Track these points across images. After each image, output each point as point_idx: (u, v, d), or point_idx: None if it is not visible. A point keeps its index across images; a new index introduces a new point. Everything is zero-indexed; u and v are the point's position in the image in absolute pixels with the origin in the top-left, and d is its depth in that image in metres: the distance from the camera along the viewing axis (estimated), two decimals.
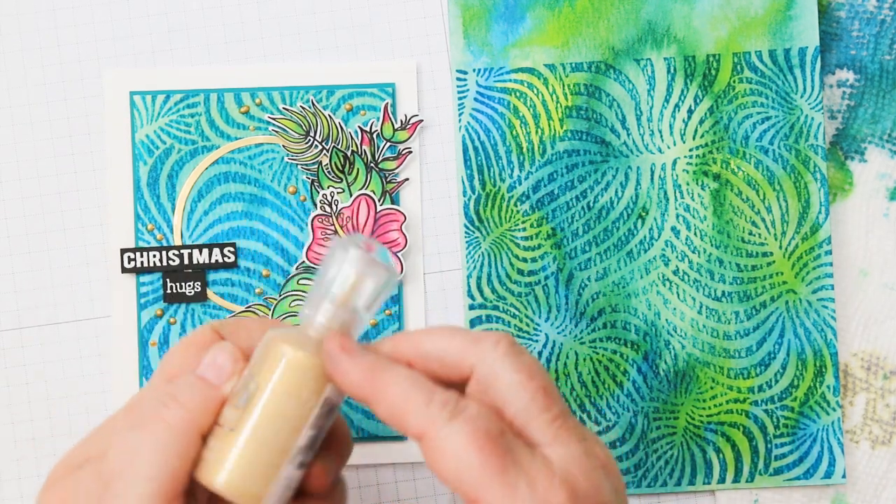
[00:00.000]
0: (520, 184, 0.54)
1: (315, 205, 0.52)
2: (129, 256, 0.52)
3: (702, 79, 0.54)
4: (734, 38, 0.54)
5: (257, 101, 0.53)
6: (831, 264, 0.53)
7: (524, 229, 0.54)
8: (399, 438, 0.53)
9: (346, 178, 0.52)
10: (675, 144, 0.54)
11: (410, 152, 0.53)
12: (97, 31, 0.54)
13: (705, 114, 0.54)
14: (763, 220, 0.53)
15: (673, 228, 0.54)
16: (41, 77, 0.54)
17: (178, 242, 0.52)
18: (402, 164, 0.53)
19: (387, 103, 0.53)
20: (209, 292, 0.52)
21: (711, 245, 0.53)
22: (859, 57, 0.54)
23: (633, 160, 0.54)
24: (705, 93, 0.54)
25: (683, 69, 0.54)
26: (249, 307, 0.52)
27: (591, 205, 0.54)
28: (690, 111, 0.54)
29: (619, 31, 0.54)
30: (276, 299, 0.52)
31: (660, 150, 0.54)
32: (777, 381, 0.53)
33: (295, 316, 0.52)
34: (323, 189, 0.52)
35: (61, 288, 0.53)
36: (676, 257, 0.53)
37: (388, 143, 0.52)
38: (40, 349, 0.53)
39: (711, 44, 0.54)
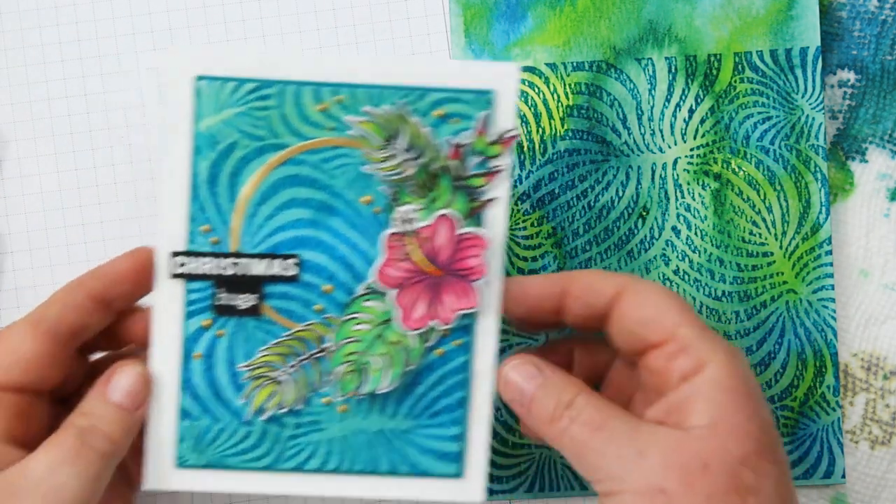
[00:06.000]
0: (520, 183, 0.54)
1: (390, 220, 0.46)
2: (179, 261, 0.46)
3: (703, 78, 0.54)
4: (735, 37, 0.54)
5: (338, 98, 0.46)
6: (832, 264, 0.53)
7: (524, 228, 0.54)
8: None
9: (427, 195, 0.46)
10: (675, 144, 0.54)
11: (502, 170, 0.46)
12: (169, 3, 0.55)
13: (706, 113, 0.54)
14: (763, 219, 0.54)
15: (673, 228, 0.54)
16: (96, 50, 0.54)
17: (234, 249, 0.46)
18: (491, 181, 0.46)
19: (483, 114, 0.45)
20: (264, 306, 0.46)
21: (712, 245, 0.54)
22: (860, 57, 0.55)
23: (634, 160, 0.54)
24: (706, 92, 0.54)
25: (684, 69, 0.54)
26: (307, 326, 0.46)
27: (592, 204, 0.54)
28: (691, 111, 0.54)
29: (621, 31, 0.54)
30: (337, 320, 0.46)
31: (661, 150, 0.54)
32: (777, 381, 0.53)
33: (357, 342, 0.46)
34: (401, 204, 0.46)
35: None
36: (677, 257, 0.53)
37: (479, 158, 0.46)
38: None
39: (713, 43, 0.54)
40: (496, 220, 0.46)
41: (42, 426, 0.44)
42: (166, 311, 0.46)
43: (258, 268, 0.46)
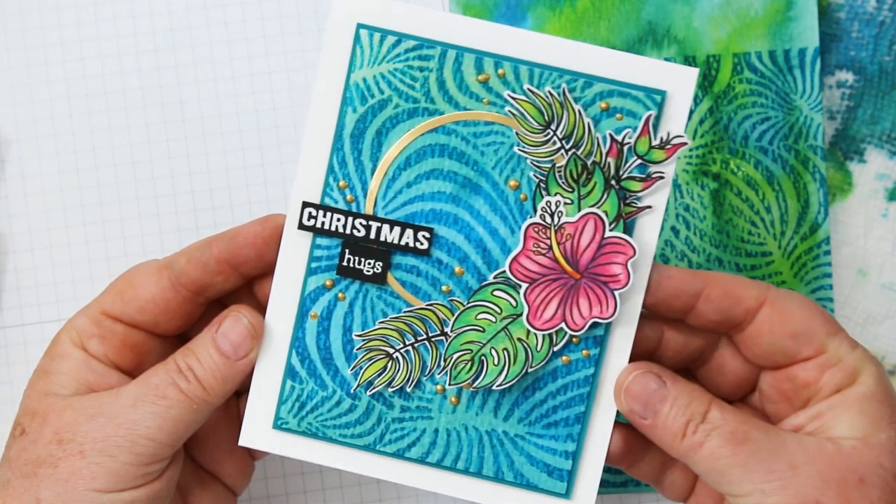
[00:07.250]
0: None
1: (535, 210, 0.43)
2: (310, 212, 0.43)
3: (702, 79, 0.54)
4: (734, 38, 0.54)
5: (500, 72, 0.42)
6: (830, 264, 0.53)
7: None
8: None
9: (578, 189, 0.42)
10: None
11: (662, 178, 0.42)
12: (171, 4, 0.55)
13: (705, 114, 0.54)
14: (762, 219, 0.54)
15: (672, 228, 0.54)
16: (97, 51, 0.54)
17: (369, 211, 0.43)
18: (648, 188, 0.42)
19: (651, 114, 0.42)
20: (389, 276, 0.44)
21: (711, 245, 0.54)
22: (859, 58, 0.55)
23: None
24: (705, 93, 0.54)
25: None
26: (431, 305, 0.43)
27: None
28: (690, 111, 0.54)
29: (620, 32, 0.54)
30: (462, 305, 0.43)
31: None
32: None
33: (478, 332, 0.43)
34: (549, 195, 0.42)
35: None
36: (676, 257, 0.54)
37: (639, 161, 0.42)
38: None
39: (711, 44, 0.54)
40: (647, 231, 0.42)
41: (155, 362, 0.44)
42: (290, 263, 0.43)
43: (390, 234, 0.43)
